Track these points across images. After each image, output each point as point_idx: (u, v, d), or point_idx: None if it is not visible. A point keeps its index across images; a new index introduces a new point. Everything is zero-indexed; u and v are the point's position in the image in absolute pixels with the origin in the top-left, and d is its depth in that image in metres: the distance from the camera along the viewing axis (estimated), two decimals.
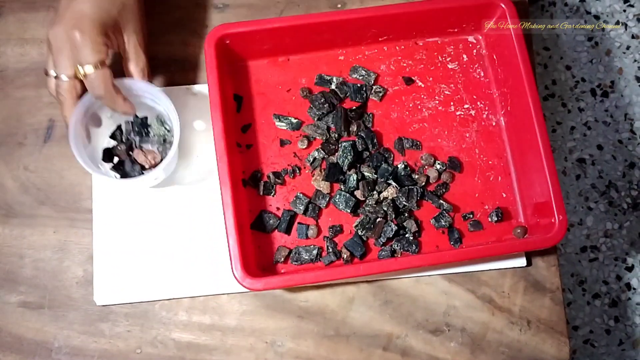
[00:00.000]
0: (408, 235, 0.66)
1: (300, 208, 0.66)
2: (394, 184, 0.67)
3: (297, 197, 0.66)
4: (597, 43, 1.49)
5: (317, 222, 0.66)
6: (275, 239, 0.66)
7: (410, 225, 0.66)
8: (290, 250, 0.65)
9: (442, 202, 0.67)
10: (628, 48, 1.49)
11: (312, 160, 0.67)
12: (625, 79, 1.47)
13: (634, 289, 1.37)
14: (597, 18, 1.51)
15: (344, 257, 0.64)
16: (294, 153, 0.68)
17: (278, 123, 0.69)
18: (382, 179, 0.67)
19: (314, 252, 0.64)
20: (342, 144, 0.67)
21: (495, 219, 0.67)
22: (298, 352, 0.64)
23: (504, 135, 0.70)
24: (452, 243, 0.66)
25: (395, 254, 0.65)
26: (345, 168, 0.66)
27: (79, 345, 0.64)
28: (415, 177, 0.67)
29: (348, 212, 0.66)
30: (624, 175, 1.42)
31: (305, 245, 0.65)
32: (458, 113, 0.71)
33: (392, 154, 0.69)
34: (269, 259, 0.65)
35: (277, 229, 0.66)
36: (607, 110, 1.46)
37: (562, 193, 0.63)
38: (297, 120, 0.69)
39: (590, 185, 1.42)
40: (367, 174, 0.67)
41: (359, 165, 0.67)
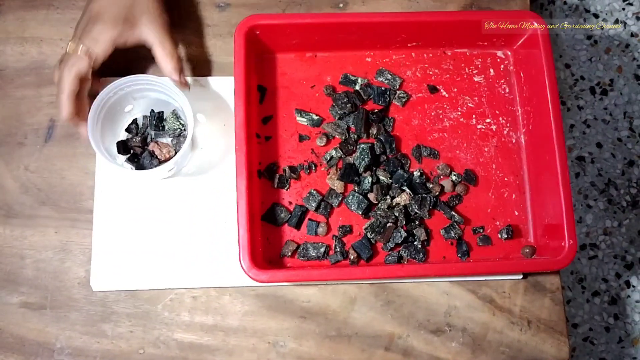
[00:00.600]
0: (416, 243, 0.66)
1: (313, 205, 0.66)
2: (408, 191, 0.67)
3: (310, 193, 0.66)
4: (596, 41, 1.49)
5: (327, 220, 0.67)
6: (285, 233, 0.66)
7: (420, 233, 0.66)
8: (298, 246, 0.65)
9: (453, 213, 0.67)
10: (627, 46, 1.49)
11: (329, 159, 0.67)
12: (625, 77, 1.47)
13: (634, 287, 1.38)
14: (596, 16, 1.51)
15: (351, 258, 0.64)
16: (312, 149, 0.68)
17: (299, 118, 0.69)
18: (396, 185, 0.67)
19: (322, 249, 0.65)
20: (360, 146, 0.67)
21: (505, 236, 0.67)
22: (300, 352, 0.65)
23: (523, 154, 0.70)
24: (459, 255, 0.66)
25: (402, 260, 0.65)
26: (361, 170, 0.66)
27: (81, 346, 0.64)
28: (430, 186, 0.67)
29: (359, 213, 0.66)
30: (623, 173, 1.43)
31: (314, 242, 0.65)
32: (479, 127, 0.71)
33: (409, 161, 0.69)
34: (277, 252, 0.65)
35: (287, 223, 0.66)
36: (606, 109, 1.46)
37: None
38: (318, 117, 0.69)
39: (590, 183, 1.42)
40: (382, 178, 0.67)
41: (375, 169, 0.67)
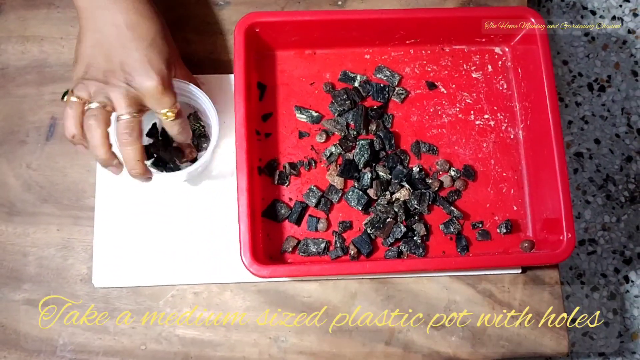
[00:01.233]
0: (416, 238, 0.66)
1: (313, 201, 0.66)
2: (407, 187, 0.67)
3: (310, 189, 0.67)
4: (593, 38, 1.50)
5: (327, 216, 0.67)
6: (285, 229, 0.66)
7: (420, 229, 0.66)
8: (299, 242, 0.66)
9: (453, 208, 0.67)
10: (624, 43, 1.50)
11: (328, 155, 0.68)
12: (622, 74, 1.48)
13: (632, 282, 1.38)
14: (593, 13, 1.51)
15: (351, 253, 0.65)
16: (312, 146, 0.69)
17: (299, 115, 0.69)
18: (396, 180, 0.67)
19: (322, 245, 0.65)
20: (359, 142, 0.67)
21: (504, 231, 0.67)
22: (301, 347, 0.65)
23: (521, 149, 0.71)
24: (459, 250, 0.67)
25: (402, 255, 0.66)
26: (361, 166, 0.67)
27: (84, 342, 0.64)
28: (429, 181, 0.68)
29: (359, 209, 0.66)
30: (622, 169, 1.43)
31: (314, 238, 0.66)
32: (477, 122, 0.71)
33: (408, 157, 0.69)
34: (277, 248, 0.66)
35: (287, 219, 0.66)
36: (604, 105, 1.46)
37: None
38: (317, 114, 0.69)
39: (588, 179, 1.43)
40: (381, 174, 0.67)
41: (375, 165, 0.68)
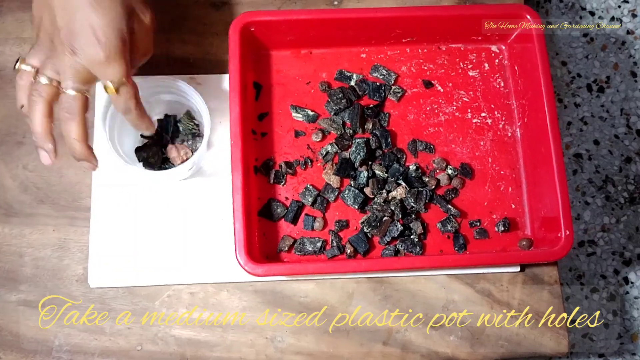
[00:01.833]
0: (413, 237, 0.66)
1: (309, 199, 0.66)
2: (404, 185, 0.67)
3: (306, 188, 0.66)
4: (592, 39, 1.50)
5: (324, 215, 0.67)
6: (281, 228, 0.66)
7: (416, 227, 0.66)
8: (295, 241, 0.65)
9: (450, 207, 0.67)
10: (623, 43, 1.50)
11: (324, 154, 0.68)
12: (621, 74, 1.48)
13: (632, 283, 1.38)
14: (592, 14, 1.51)
15: (348, 252, 0.65)
16: (308, 145, 0.69)
17: (295, 114, 0.69)
18: (392, 179, 0.67)
19: (318, 244, 0.65)
20: (355, 140, 0.67)
21: (502, 229, 0.67)
22: (298, 347, 0.65)
23: (519, 147, 0.70)
24: (456, 249, 0.66)
25: (399, 254, 0.66)
26: (357, 164, 0.67)
27: (80, 343, 0.64)
28: (426, 179, 0.68)
29: (356, 208, 0.66)
30: (621, 170, 1.43)
31: (310, 237, 0.65)
32: (474, 121, 0.71)
33: (404, 155, 0.69)
34: (273, 247, 0.65)
35: (283, 218, 0.66)
36: (603, 106, 1.46)
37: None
38: (313, 113, 0.69)
39: (587, 180, 1.42)
40: (378, 172, 0.67)
41: (371, 163, 0.68)
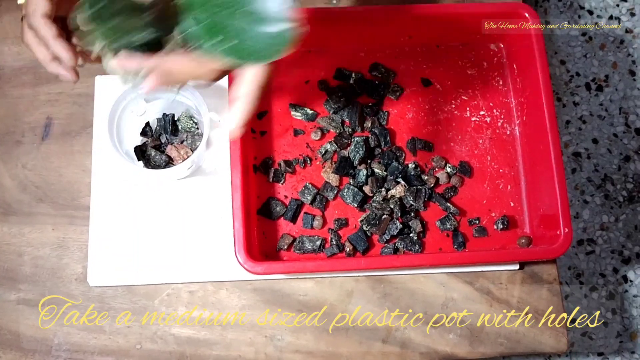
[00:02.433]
0: (412, 235, 0.66)
1: (308, 198, 0.66)
2: (403, 183, 0.67)
3: (305, 187, 0.66)
4: (591, 38, 1.50)
5: (323, 213, 0.67)
6: (281, 227, 0.66)
7: (416, 225, 0.66)
8: (294, 239, 0.66)
9: (449, 205, 0.67)
10: (622, 42, 1.50)
11: (324, 152, 0.68)
12: (620, 73, 1.48)
13: (631, 281, 1.38)
14: (590, 13, 1.51)
15: (347, 250, 0.65)
16: (307, 144, 0.69)
17: (294, 113, 0.69)
18: (391, 177, 0.67)
19: (318, 242, 0.65)
20: (355, 139, 0.67)
21: (501, 227, 0.67)
22: (297, 345, 0.65)
23: (517, 145, 0.70)
24: (455, 247, 0.67)
25: (398, 252, 0.66)
26: (356, 163, 0.67)
27: (79, 342, 0.64)
28: (425, 178, 0.68)
29: (355, 206, 0.66)
30: (620, 169, 1.43)
31: (310, 236, 0.65)
32: (473, 119, 0.71)
33: (403, 153, 0.69)
34: (273, 246, 0.65)
35: (283, 217, 0.66)
36: (601, 104, 1.46)
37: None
38: (312, 112, 0.69)
39: (586, 179, 1.42)
40: (377, 171, 0.67)
41: (370, 161, 0.68)
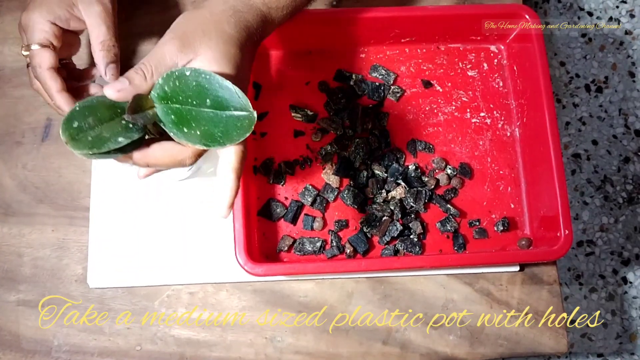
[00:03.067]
0: (412, 237, 0.66)
1: (308, 199, 0.66)
2: (403, 185, 0.67)
3: (306, 188, 0.66)
4: (590, 39, 1.50)
5: (323, 215, 0.67)
6: (281, 228, 0.66)
7: (416, 227, 0.66)
8: (295, 240, 0.65)
9: (449, 206, 0.67)
10: (621, 44, 1.50)
11: (324, 154, 0.68)
12: (619, 75, 1.48)
13: (630, 283, 1.38)
14: (590, 15, 1.52)
15: (347, 252, 0.65)
16: (307, 145, 0.69)
17: (294, 114, 0.69)
18: (392, 179, 0.67)
19: (318, 244, 0.65)
20: (355, 140, 0.67)
21: (501, 229, 0.67)
22: (298, 347, 0.65)
23: (518, 147, 0.70)
24: (455, 248, 0.67)
25: (398, 254, 0.66)
26: (357, 164, 0.67)
27: (79, 343, 0.64)
28: (425, 179, 0.68)
29: (355, 207, 0.66)
30: (619, 170, 1.43)
31: (310, 237, 0.65)
32: (474, 120, 0.71)
33: (404, 155, 0.69)
34: (273, 247, 0.65)
35: (283, 218, 0.66)
36: (601, 106, 1.47)
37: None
38: (313, 113, 0.69)
39: (586, 180, 1.43)
40: (377, 172, 0.67)
41: (370, 163, 0.68)
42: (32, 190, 0.67)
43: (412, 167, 0.68)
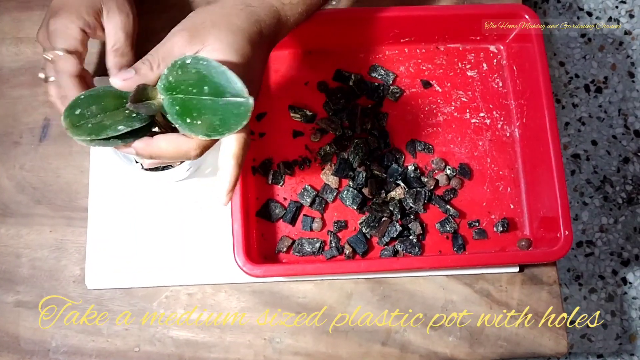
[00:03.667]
0: (412, 237, 0.66)
1: (307, 200, 0.66)
2: (403, 185, 0.67)
3: (305, 189, 0.66)
4: (590, 39, 1.50)
5: (322, 215, 0.67)
6: (280, 229, 0.66)
7: (415, 228, 0.66)
8: (294, 241, 0.65)
9: (448, 207, 0.67)
10: (621, 44, 1.50)
11: (323, 154, 0.68)
12: (619, 75, 1.48)
13: (630, 284, 1.38)
14: (589, 15, 1.52)
15: (346, 252, 0.65)
16: (306, 145, 0.69)
17: (293, 114, 0.69)
18: (391, 179, 0.67)
19: (317, 245, 0.65)
20: (354, 141, 0.67)
21: (501, 229, 0.67)
22: (297, 348, 0.65)
23: (517, 147, 0.70)
24: (455, 249, 0.66)
25: (398, 255, 0.65)
26: (356, 165, 0.66)
27: (77, 344, 0.64)
28: (425, 180, 0.67)
29: (354, 208, 0.66)
30: (619, 170, 1.43)
31: (309, 238, 0.65)
32: (473, 121, 0.71)
33: (403, 155, 0.69)
34: (272, 248, 0.65)
35: (282, 219, 0.66)
36: (601, 106, 1.46)
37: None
38: (312, 113, 0.69)
39: (585, 181, 1.43)
40: (376, 173, 0.67)
41: (369, 163, 0.67)
42: (30, 191, 0.67)
43: (411, 167, 0.68)
